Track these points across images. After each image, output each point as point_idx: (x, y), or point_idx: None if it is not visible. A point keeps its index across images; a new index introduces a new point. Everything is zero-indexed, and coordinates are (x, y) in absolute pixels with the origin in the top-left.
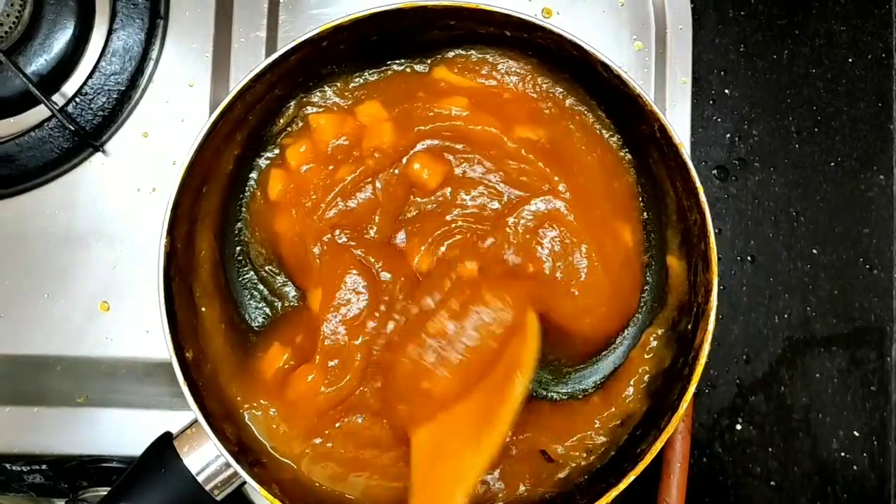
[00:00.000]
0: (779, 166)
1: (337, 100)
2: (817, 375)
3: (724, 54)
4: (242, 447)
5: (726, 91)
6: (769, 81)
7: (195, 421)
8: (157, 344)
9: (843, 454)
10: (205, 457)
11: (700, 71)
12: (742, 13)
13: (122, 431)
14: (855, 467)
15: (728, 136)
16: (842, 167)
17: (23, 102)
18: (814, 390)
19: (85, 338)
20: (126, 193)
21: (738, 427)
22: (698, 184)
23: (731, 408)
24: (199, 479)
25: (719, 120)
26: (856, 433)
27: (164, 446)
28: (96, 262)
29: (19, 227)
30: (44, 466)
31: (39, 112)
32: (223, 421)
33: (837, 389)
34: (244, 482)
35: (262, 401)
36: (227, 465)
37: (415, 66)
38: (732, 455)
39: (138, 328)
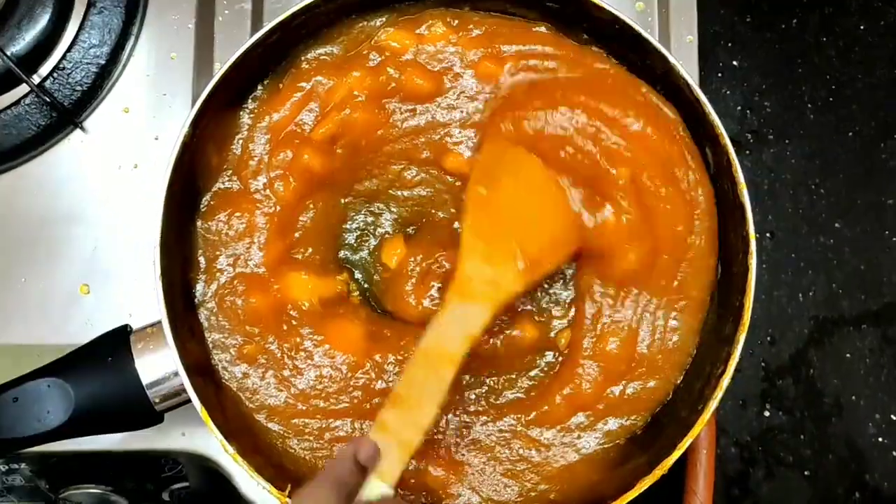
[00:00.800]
0: (794, 138)
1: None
2: (847, 356)
3: (730, 25)
4: (200, 370)
5: (734, 62)
6: (779, 51)
7: (158, 322)
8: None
9: (880, 439)
10: (156, 359)
11: (706, 43)
12: None
13: None
14: (894, 453)
15: (739, 108)
16: (860, 136)
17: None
18: (845, 372)
19: (65, 323)
20: (106, 171)
21: (767, 413)
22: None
23: (759, 393)
24: (144, 380)
25: (728, 92)
26: (893, 416)
27: (119, 336)
28: (75, 243)
29: None
30: (23, 465)
31: (17, 91)
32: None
33: (870, 370)
34: (188, 400)
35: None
36: (175, 374)
37: None
38: (762, 443)
39: (121, 311)
